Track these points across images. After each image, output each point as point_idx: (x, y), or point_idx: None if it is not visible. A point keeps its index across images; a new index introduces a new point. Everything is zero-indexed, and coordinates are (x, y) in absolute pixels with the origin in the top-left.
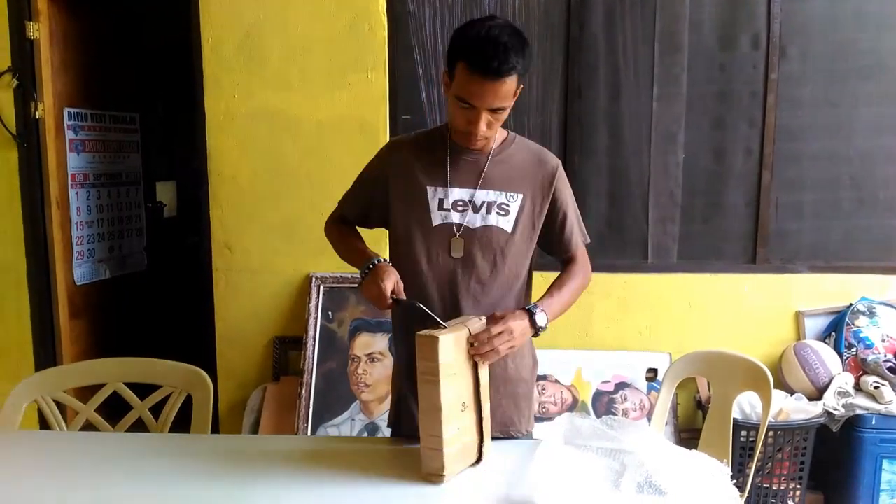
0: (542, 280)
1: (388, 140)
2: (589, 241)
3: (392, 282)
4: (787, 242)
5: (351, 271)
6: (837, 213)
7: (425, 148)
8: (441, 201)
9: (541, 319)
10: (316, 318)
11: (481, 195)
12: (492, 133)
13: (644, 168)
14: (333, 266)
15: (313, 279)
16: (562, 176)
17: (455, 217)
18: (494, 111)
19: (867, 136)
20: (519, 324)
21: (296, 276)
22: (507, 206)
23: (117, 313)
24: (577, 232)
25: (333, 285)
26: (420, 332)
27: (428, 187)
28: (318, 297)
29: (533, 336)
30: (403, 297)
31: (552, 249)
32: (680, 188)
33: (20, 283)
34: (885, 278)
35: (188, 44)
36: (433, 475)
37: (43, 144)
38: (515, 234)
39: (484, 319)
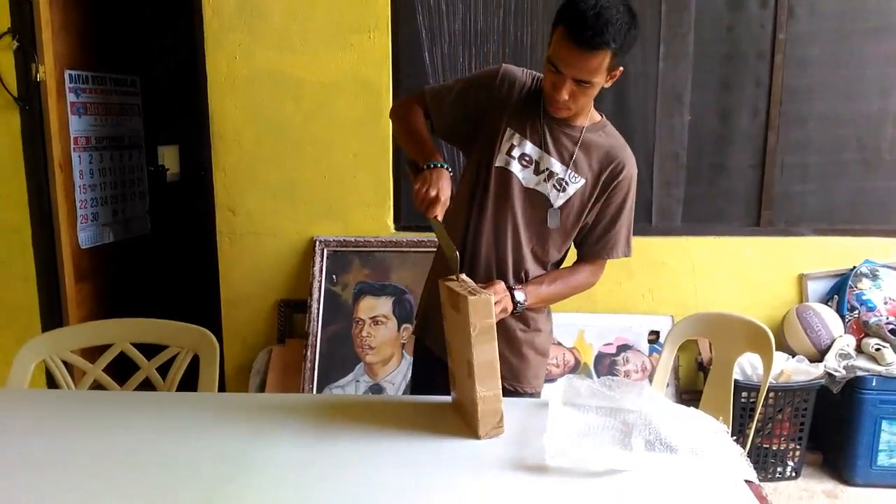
0: None
1: (390, 102)
2: (630, 255)
3: (441, 192)
4: (791, 205)
5: (354, 234)
6: (843, 175)
7: (527, 96)
8: (511, 147)
9: (520, 297)
10: (320, 282)
11: (549, 162)
12: (575, 106)
13: (649, 130)
14: (337, 230)
15: (317, 242)
16: (624, 182)
17: (514, 167)
18: (580, 84)
19: (874, 98)
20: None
21: (300, 240)
22: (567, 183)
23: (123, 276)
24: (618, 245)
25: (337, 249)
26: (474, 297)
27: (508, 128)
28: (321, 260)
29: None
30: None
31: (585, 247)
32: (685, 150)
33: (25, 247)
34: (889, 241)
35: (189, 4)
36: (495, 429)
37: (45, 107)
38: (560, 213)
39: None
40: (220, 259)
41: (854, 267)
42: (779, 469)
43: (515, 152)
